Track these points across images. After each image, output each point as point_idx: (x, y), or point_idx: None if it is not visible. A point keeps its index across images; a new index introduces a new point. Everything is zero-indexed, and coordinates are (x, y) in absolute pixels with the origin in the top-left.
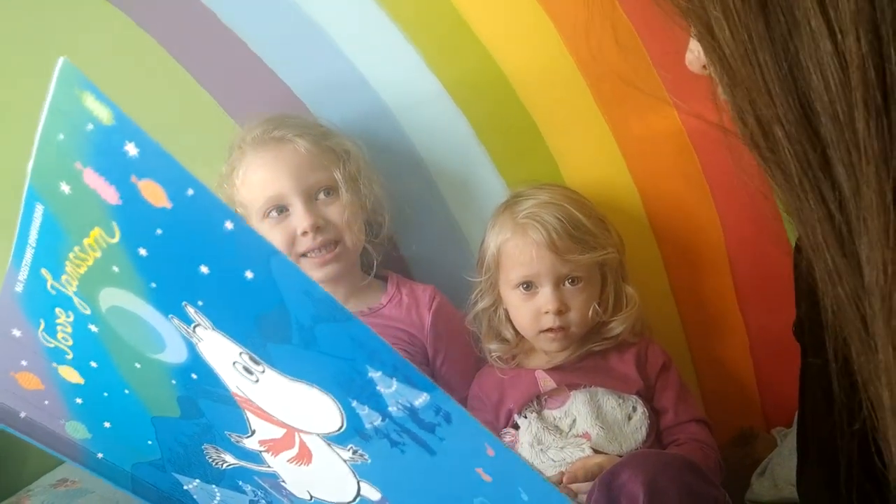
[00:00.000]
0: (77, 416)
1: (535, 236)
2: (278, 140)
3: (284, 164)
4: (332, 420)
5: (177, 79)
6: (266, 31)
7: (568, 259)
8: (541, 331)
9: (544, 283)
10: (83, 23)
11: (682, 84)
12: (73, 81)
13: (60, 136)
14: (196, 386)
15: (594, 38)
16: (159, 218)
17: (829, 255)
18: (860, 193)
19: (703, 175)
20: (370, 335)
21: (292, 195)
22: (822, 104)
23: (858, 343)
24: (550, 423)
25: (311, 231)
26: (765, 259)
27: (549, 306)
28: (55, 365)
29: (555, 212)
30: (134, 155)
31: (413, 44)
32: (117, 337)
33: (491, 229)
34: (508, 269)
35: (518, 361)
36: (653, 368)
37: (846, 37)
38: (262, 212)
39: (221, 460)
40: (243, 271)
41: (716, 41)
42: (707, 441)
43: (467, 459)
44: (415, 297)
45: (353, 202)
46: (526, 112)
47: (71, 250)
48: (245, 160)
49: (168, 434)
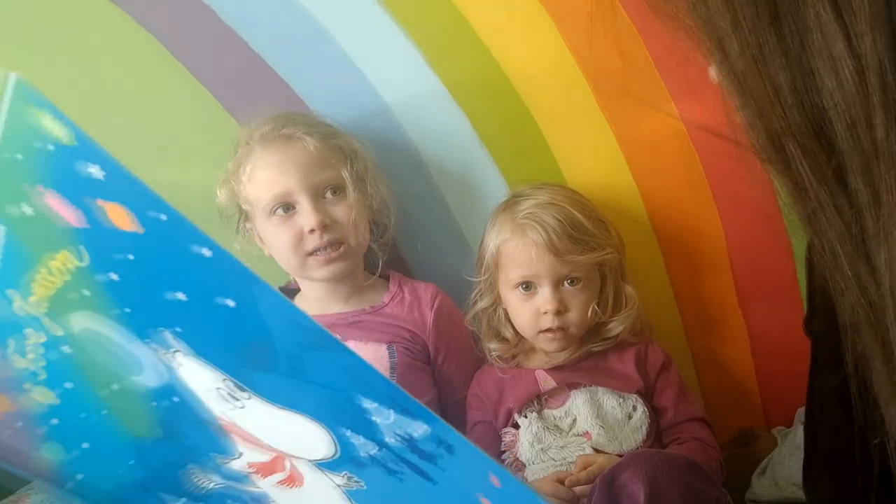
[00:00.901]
0: (54, 437)
1: (535, 237)
2: (287, 137)
3: (293, 162)
4: (324, 447)
5: (177, 77)
6: (267, 30)
7: (567, 260)
8: (540, 331)
9: (543, 283)
10: (83, 21)
11: (683, 85)
12: (28, 100)
13: (18, 157)
14: (178, 409)
15: (596, 38)
16: (130, 243)
17: (846, 265)
18: (879, 202)
19: (704, 175)
20: (363, 365)
21: (300, 193)
22: (837, 112)
23: (878, 358)
24: (551, 423)
25: (318, 229)
26: (765, 258)
27: (548, 307)
28: (27, 386)
29: (554, 212)
30: (98, 177)
31: (414, 43)
32: (92, 359)
33: (490, 229)
34: (507, 269)
35: (518, 361)
36: (653, 368)
37: (862, 39)
38: (268, 209)
39: (208, 480)
40: (224, 299)
41: (726, 56)
42: (708, 440)
43: (470, 488)
44: (416, 295)
45: (359, 202)
46: (527, 112)
47: (38, 272)
48: (252, 157)
49: (151, 455)
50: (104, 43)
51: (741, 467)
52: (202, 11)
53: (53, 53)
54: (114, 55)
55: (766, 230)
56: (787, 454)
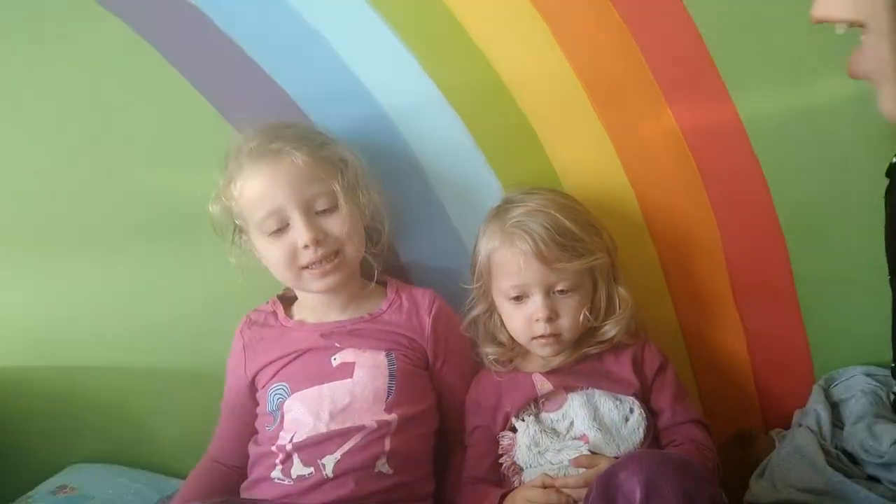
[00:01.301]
0: None
1: (522, 246)
2: (276, 153)
3: (282, 178)
4: None
5: (173, 84)
6: (263, 37)
7: (556, 267)
8: (533, 337)
9: (534, 291)
10: (80, 28)
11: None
12: None
13: None
14: None
15: (590, 42)
16: None
17: None
18: None
19: (699, 176)
20: None
21: (291, 209)
22: None
23: None
24: (548, 426)
25: (311, 245)
26: (762, 259)
27: (540, 314)
28: None
29: (542, 220)
30: None
31: (410, 48)
32: None
33: (482, 237)
34: (498, 277)
35: (515, 365)
36: (650, 369)
37: None
38: (261, 225)
39: None
40: None
41: None
42: (705, 442)
43: None
44: (414, 301)
45: (352, 213)
46: (523, 116)
47: None
48: (243, 173)
49: None
50: (101, 50)
51: (739, 468)
52: (198, 18)
53: (51, 61)
54: (110, 62)
55: (762, 231)
56: (786, 456)
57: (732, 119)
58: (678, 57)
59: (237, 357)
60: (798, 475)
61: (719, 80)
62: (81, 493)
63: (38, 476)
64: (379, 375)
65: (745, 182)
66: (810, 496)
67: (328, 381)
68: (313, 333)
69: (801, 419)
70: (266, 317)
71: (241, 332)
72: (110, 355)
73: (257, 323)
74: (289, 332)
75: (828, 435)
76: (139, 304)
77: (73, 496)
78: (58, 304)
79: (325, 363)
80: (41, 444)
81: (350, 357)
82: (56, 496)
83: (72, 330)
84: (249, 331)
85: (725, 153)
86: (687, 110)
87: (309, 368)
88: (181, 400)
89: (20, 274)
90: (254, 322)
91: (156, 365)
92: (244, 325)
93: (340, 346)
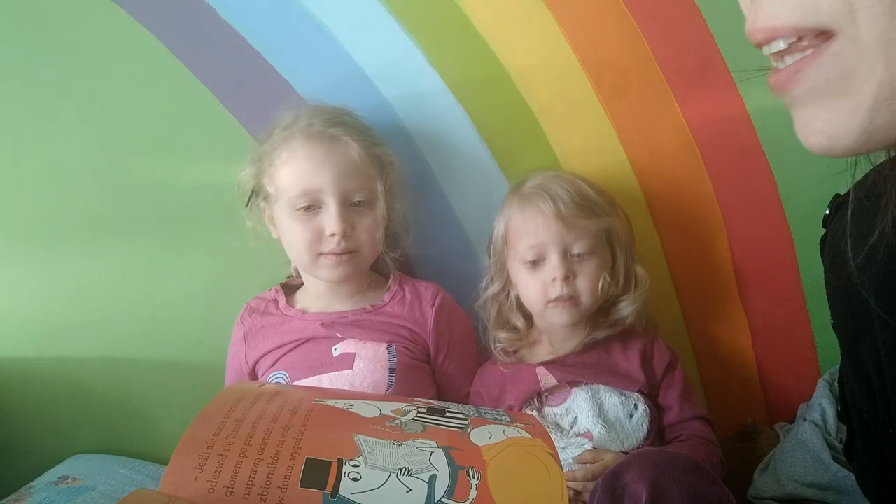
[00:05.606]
0: None
1: (542, 206)
2: (333, 138)
3: (332, 163)
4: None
5: (176, 74)
6: (266, 27)
7: (573, 225)
8: (549, 301)
9: (551, 251)
10: (81, 18)
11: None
12: None
13: None
14: None
15: (596, 33)
16: None
17: None
18: None
19: (704, 168)
20: None
21: (329, 195)
22: None
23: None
24: (551, 422)
25: (339, 235)
26: (767, 251)
27: (557, 272)
28: None
29: (562, 183)
30: None
31: (414, 38)
32: None
33: (499, 215)
34: (516, 242)
35: (521, 355)
36: (659, 365)
37: None
38: (293, 201)
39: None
40: None
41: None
42: (710, 438)
43: None
44: (417, 294)
45: (384, 214)
46: (527, 106)
47: None
48: (292, 146)
49: None
50: (103, 40)
51: (743, 463)
52: (201, 8)
53: (53, 51)
54: (112, 52)
55: (767, 223)
56: (790, 450)
57: (739, 111)
58: (685, 48)
59: (238, 345)
60: (802, 469)
61: (726, 71)
62: (83, 484)
63: (40, 467)
64: (379, 367)
65: (752, 176)
66: (814, 490)
67: (328, 371)
68: (314, 323)
69: (806, 413)
70: (266, 305)
71: (241, 320)
72: (112, 346)
73: (257, 311)
74: (289, 321)
75: (832, 429)
76: (142, 295)
77: (74, 487)
78: (60, 296)
79: (326, 353)
80: (43, 435)
81: (351, 348)
82: (57, 487)
83: (74, 321)
84: (250, 318)
85: (732, 146)
86: (693, 103)
87: (309, 358)
88: (183, 391)
89: (23, 265)
90: (254, 310)
91: (158, 356)
92: (244, 313)
93: (341, 336)
